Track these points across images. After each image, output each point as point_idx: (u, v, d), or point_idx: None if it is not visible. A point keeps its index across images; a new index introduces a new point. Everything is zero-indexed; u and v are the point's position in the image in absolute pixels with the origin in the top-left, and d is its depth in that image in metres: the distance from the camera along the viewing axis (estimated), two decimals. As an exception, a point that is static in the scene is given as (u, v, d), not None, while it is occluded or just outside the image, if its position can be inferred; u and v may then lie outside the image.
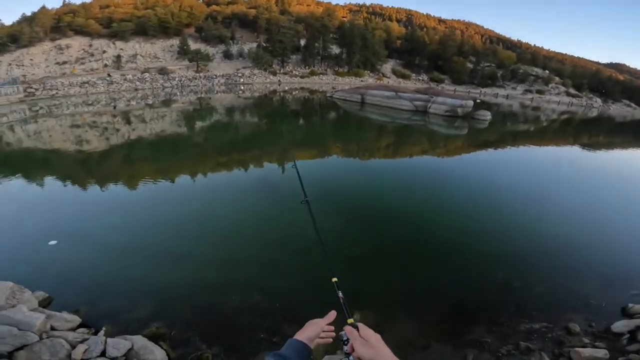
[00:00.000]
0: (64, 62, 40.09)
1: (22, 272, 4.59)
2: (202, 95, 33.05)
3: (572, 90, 60.62)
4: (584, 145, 20.02)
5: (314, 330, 1.04)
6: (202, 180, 9.43)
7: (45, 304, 4.13)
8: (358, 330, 0.92)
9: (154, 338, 3.65)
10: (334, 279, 1.30)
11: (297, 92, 39.13)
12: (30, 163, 10.91)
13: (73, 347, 3.24)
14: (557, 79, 63.47)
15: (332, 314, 1.11)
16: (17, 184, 8.72)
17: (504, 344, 3.93)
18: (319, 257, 5.33)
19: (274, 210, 7.39)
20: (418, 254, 5.99)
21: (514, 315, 4.41)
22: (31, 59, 39.73)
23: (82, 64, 40.58)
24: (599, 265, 5.69)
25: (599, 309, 4.58)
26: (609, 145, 21.42)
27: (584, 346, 3.84)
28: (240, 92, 36.15)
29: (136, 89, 36.04)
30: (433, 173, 11.33)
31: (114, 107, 24.50)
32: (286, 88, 42.40)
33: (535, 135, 22.54)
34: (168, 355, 3.47)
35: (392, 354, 0.82)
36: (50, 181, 9.06)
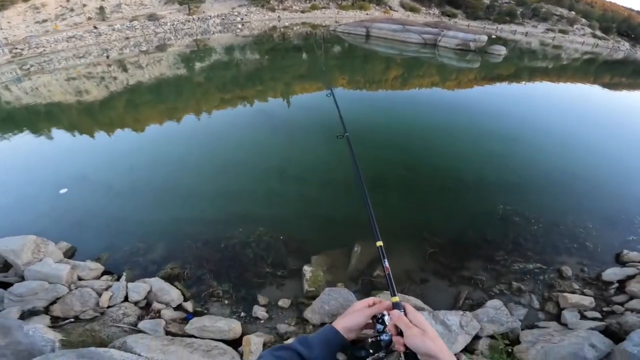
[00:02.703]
0: (44, 21, 37.72)
1: (40, 224, 4.82)
2: (198, 37, 31.28)
3: (598, 33, 55.28)
4: (605, 85, 18.84)
5: (355, 320, 0.84)
6: (206, 118, 9.54)
7: (69, 254, 4.35)
8: (405, 311, 0.80)
9: (169, 279, 3.98)
10: (379, 243, 1.04)
11: (298, 27, 36.79)
12: (33, 117, 10.86)
13: (99, 294, 3.52)
14: (583, 20, 57.57)
15: (384, 303, 0.87)
16: (21, 138, 8.78)
17: (498, 282, 4.15)
18: (323, 189, 5.46)
19: (277, 142, 7.58)
20: (423, 185, 6.14)
21: (510, 253, 4.57)
22: (8, 22, 37.30)
23: (64, 19, 38.00)
24: (602, 207, 5.72)
25: (593, 253, 4.68)
26: (631, 87, 20.11)
27: (573, 292, 3.97)
28: (238, 30, 34.08)
29: (127, 38, 34.02)
30: (443, 105, 11.30)
31: (107, 57, 23.48)
32: (286, 24, 39.75)
33: (553, 72, 21.20)
34: (183, 294, 3.81)
35: (450, 351, 0.72)
36: (54, 132, 9.11)
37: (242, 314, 3.66)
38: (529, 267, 4.39)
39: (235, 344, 3.19)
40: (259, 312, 3.63)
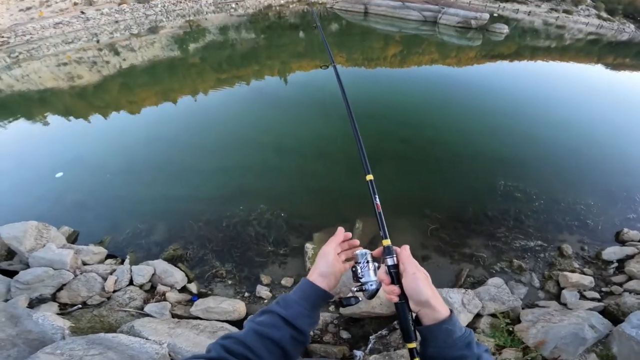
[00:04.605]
0: (28, 8, 36.26)
1: (40, 209, 4.79)
2: (191, 18, 30.47)
3: (604, 14, 53.83)
4: (608, 65, 18.55)
5: (323, 262, 0.81)
6: (202, 98, 9.43)
7: (72, 238, 4.34)
8: (396, 256, 0.76)
9: (173, 260, 4.00)
10: (369, 177, 0.94)
11: (294, 5, 35.83)
12: (25, 103, 10.66)
13: (104, 279, 3.53)
14: (588, 1, 56.01)
15: (340, 233, 0.85)
16: (15, 124, 8.61)
17: (499, 260, 4.19)
18: (324, 164, 5.45)
19: (276, 119, 7.55)
20: (424, 162, 6.14)
21: (511, 229, 4.59)
22: None
23: (49, 6, 36.55)
24: (603, 184, 5.71)
25: (594, 230, 4.70)
26: (635, 67, 19.78)
27: (573, 271, 3.99)
28: (232, 10, 33.17)
29: (117, 21, 32.94)
30: (443, 80, 11.28)
31: (97, 42, 22.88)
32: (282, 2, 38.68)
33: (556, 51, 20.80)
34: (187, 275, 3.83)
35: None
36: (48, 117, 8.94)
37: (246, 294, 3.70)
38: (530, 244, 4.42)
39: (240, 324, 3.24)
40: (263, 291, 3.66)
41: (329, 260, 0.81)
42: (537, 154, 6.54)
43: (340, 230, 0.87)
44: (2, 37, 26.87)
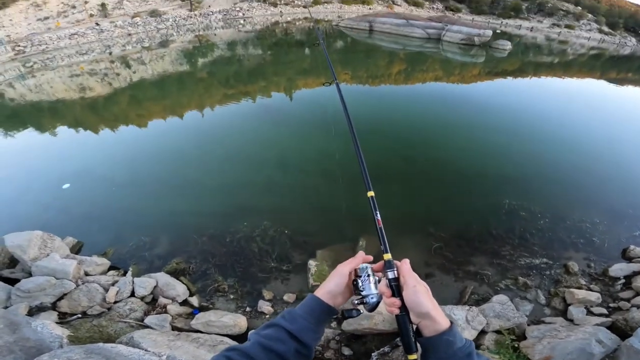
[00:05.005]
0: (46, 18, 37.80)
1: (46, 219, 4.86)
2: (201, 33, 31.37)
3: (605, 28, 54.58)
4: (611, 80, 18.62)
5: (334, 281, 0.81)
6: (209, 113, 9.61)
7: (76, 249, 4.37)
8: (397, 270, 0.77)
9: (175, 273, 3.99)
10: (370, 194, 0.95)
11: (300, 22, 36.83)
12: (37, 114, 10.91)
13: (106, 290, 3.53)
14: (590, 15, 56.85)
15: (360, 256, 0.85)
16: (26, 134, 8.81)
17: (504, 277, 4.13)
18: (328, 182, 5.44)
19: (281, 136, 7.63)
20: (428, 180, 6.13)
21: (516, 248, 4.55)
22: (10, 20, 37.42)
23: (65, 17, 38.07)
24: (609, 202, 5.67)
25: (600, 248, 4.65)
26: (639, 82, 19.86)
27: (579, 287, 3.95)
28: (240, 26, 34.15)
29: (129, 34, 34.04)
30: (447, 98, 11.36)
31: (110, 54, 23.55)
32: (289, 19, 39.79)
33: (559, 67, 20.98)
34: (189, 289, 3.82)
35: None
36: (58, 128, 9.13)
37: (248, 308, 3.67)
38: (536, 262, 4.37)
39: (241, 338, 3.20)
40: (264, 306, 3.63)
41: (341, 281, 0.81)
42: (542, 172, 6.52)
43: (361, 254, 0.87)
44: (19, 46, 27.73)
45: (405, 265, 0.78)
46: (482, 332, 3.22)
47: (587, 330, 3.06)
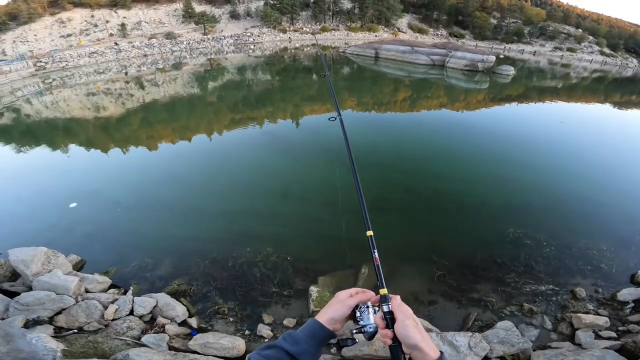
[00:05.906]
0: (69, 35, 39.90)
1: (50, 236, 4.94)
2: (212, 57, 32.58)
3: (606, 50, 55.58)
4: (616, 104, 18.70)
5: (338, 310, 0.84)
6: (216, 138, 9.82)
7: (78, 267, 4.42)
8: (392, 304, 0.81)
9: (176, 295, 3.98)
10: (369, 233, 1.01)
11: (308, 48, 38.02)
12: (50, 131, 11.29)
13: (105, 307, 3.53)
14: (590, 38, 58.10)
15: (369, 293, 0.87)
16: (37, 151, 9.11)
17: (508, 304, 4.04)
18: (331, 211, 5.40)
19: (285, 164, 7.71)
20: (431, 208, 6.08)
21: (521, 275, 4.47)
22: (35, 35, 39.59)
23: (87, 35, 40.16)
24: (615, 229, 5.60)
25: (608, 274, 4.56)
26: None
27: (587, 312, 3.86)
28: (251, 51, 35.44)
29: (145, 55, 35.57)
30: (451, 126, 11.38)
31: (126, 74, 24.51)
32: (297, 45, 41.19)
33: (563, 91, 21.18)
34: (188, 310, 3.79)
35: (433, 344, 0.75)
36: (68, 147, 9.42)
37: (247, 331, 3.61)
38: (541, 288, 4.27)
39: (237, 362, 3.14)
40: (264, 330, 3.58)
41: (342, 311, 0.84)
42: (546, 200, 6.44)
43: (371, 293, 0.88)
44: (40, 61, 29.00)
45: (395, 301, 0.82)
46: (486, 359, 3.13)
47: (595, 354, 2.97)
